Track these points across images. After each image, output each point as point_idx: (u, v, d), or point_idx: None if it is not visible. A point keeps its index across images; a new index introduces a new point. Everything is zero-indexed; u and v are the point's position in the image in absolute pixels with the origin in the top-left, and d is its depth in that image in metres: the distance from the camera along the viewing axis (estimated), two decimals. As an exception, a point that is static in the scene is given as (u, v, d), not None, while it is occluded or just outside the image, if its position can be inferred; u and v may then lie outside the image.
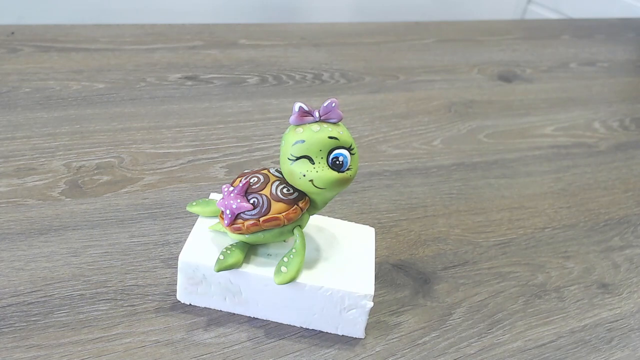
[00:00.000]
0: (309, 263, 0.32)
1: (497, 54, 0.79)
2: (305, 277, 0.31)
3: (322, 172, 0.28)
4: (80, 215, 0.38)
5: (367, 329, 0.33)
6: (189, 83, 0.58)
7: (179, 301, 0.33)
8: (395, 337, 0.33)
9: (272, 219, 0.29)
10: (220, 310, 0.33)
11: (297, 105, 0.28)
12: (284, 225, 0.30)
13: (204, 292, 0.32)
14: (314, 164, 0.28)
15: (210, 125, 0.51)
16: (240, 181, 0.30)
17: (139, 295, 0.33)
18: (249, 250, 0.31)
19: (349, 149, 0.28)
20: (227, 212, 0.30)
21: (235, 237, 0.31)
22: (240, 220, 0.30)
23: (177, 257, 0.36)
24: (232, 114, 0.53)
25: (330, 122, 0.28)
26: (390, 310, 0.35)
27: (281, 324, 0.33)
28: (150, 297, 0.33)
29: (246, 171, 0.32)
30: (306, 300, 0.31)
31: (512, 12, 1.49)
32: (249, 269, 0.31)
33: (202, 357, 0.30)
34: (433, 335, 0.34)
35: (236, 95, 0.57)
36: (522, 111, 0.63)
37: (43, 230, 0.37)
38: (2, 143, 0.44)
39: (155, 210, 0.40)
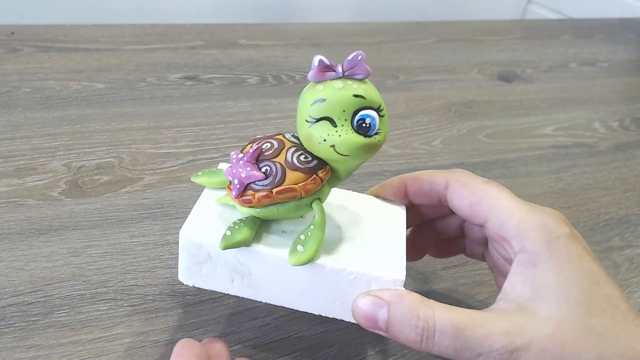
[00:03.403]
0: (330, 242, 0.28)
1: (497, 54, 0.79)
2: (325, 258, 0.26)
3: (345, 137, 0.24)
4: (80, 215, 0.38)
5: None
6: (189, 83, 0.58)
7: (182, 282, 0.29)
8: (395, 337, 0.33)
9: (287, 190, 0.25)
10: (228, 294, 0.29)
11: (316, 59, 0.24)
12: (301, 197, 0.26)
13: (208, 272, 0.28)
14: (336, 126, 0.24)
15: (210, 125, 0.51)
16: (252, 147, 0.26)
17: (139, 295, 0.33)
18: (261, 227, 0.27)
19: (378, 109, 0.24)
20: (236, 181, 0.26)
21: (244, 212, 0.27)
22: (250, 192, 0.26)
23: (177, 257, 0.36)
24: (232, 114, 0.53)
25: (356, 79, 0.24)
26: (390, 310, 0.35)
27: (296, 311, 0.29)
28: (150, 297, 0.33)
29: (258, 136, 0.28)
30: (326, 284, 0.27)
31: (512, 12, 1.49)
32: (260, 247, 0.26)
33: (202, 357, 0.30)
34: (433, 335, 0.34)
35: (236, 95, 0.57)
36: (522, 111, 0.63)
37: (43, 230, 0.37)
38: (2, 143, 0.44)
39: (155, 210, 0.40)
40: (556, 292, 0.24)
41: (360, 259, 0.27)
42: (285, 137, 0.27)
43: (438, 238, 0.34)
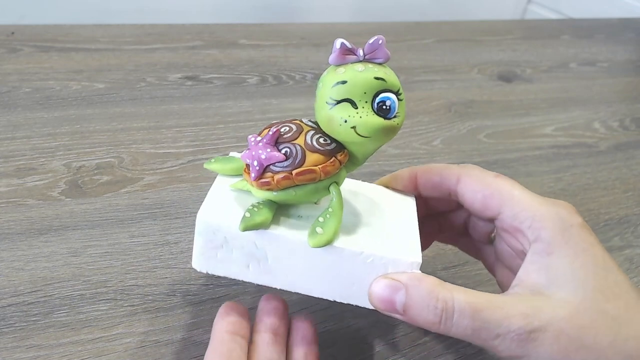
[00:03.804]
0: (347, 227, 0.28)
1: (497, 54, 0.79)
2: (342, 241, 0.26)
3: (366, 118, 0.24)
4: (80, 215, 0.38)
5: (367, 329, 0.33)
6: (189, 83, 0.58)
7: (195, 269, 0.28)
8: (396, 337, 0.33)
9: (307, 172, 0.25)
10: (242, 281, 0.28)
11: (338, 42, 0.24)
12: (320, 180, 0.26)
13: (224, 258, 0.27)
14: (356, 108, 0.24)
15: (210, 125, 0.51)
16: (269, 130, 0.26)
17: (139, 295, 0.33)
18: (277, 212, 0.27)
19: (397, 93, 0.25)
20: (255, 163, 0.25)
21: (261, 195, 0.27)
22: (269, 174, 0.25)
23: (177, 257, 0.36)
24: (232, 114, 0.53)
25: (376, 62, 0.25)
26: (390, 310, 0.35)
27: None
28: (150, 297, 0.33)
29: (274, 122, 0.27)
30: (343, 268, 0.27)
31: (512, 12, 1.49)
32: (279, 230, 0.26)
33: (202, 357, 0.30)
34: (433, 335, 0.34)
35: (236, 95, 0.57)
36: (522, 111, 0.63)
37: (43, 230, 0.37)
38: (2, 143, 0.44)
39: (155, 210, 0.40)
40: (571, 279, 0.24)
41: (377, 243, 0.27)
42: (302, 122, 0.27)
43: (440, 231, 0.34)
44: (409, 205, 0.31)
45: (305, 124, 0.27)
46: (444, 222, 0.34)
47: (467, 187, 0.29)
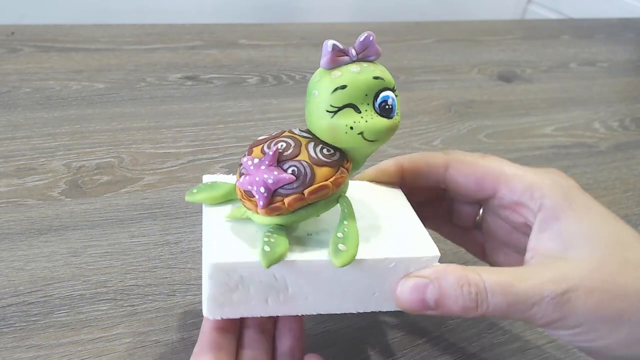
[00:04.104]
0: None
1: (497, 54, 0.79)
2: (363, 251, 0.25)
3: (372, 121, 0.23)
4: (80, 215, 0.38)
5: (367, 329, 0.33)
6: (189, 83, 0.58)
7: (203, 313, 0.26)
8: (395, 337, 0.33)
9: (320, 188, 0.23)
10: (260, 317, 0.26)
11: (329, 44, 0.23)
12: (332, 194, 0.24)
13: (240, 298, 0.25)
14: (360, 112, 0.23)
15: (210, 125, 0.51)
16: (262, 150, 0.24)
17: (139, 295, 0.33)
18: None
19: (393, 90, 0.24)
20: (262, 189, 0.23)
21: (264, 221, 0.25)
22: (278, 198, 0.24)
23: (177, 257, 0.36)
24: (232, 114, 0.53)
25: (369, 61, 0.24)
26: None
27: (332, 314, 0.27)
28: (150, 297, 0.33)
29: (261, 138, 0.25)
30: (365, 278, 0.26)
31: (512, 12, 1.49)
32: (298, 256, 0.24)
33: (202, 357, 0.30)
34: (433, 335, 0.34)
35: (236, 95, 0.57)
36: (522, 111, 0.63)
37: (43, 230, 0.37)
38: (2, 143, 0.44)
39: (155, 210, 0.40)
40: (584, 237, 0.25)
41: (393, 246, 0.26)
42: (295, 133, 0.25)
43: (424, 220, 0.34)
44: (400, 198, 0.30)
45: (300, 135, 0.25)
46: (428, 211, 0.34)
47: (457, 173, 0.30)
